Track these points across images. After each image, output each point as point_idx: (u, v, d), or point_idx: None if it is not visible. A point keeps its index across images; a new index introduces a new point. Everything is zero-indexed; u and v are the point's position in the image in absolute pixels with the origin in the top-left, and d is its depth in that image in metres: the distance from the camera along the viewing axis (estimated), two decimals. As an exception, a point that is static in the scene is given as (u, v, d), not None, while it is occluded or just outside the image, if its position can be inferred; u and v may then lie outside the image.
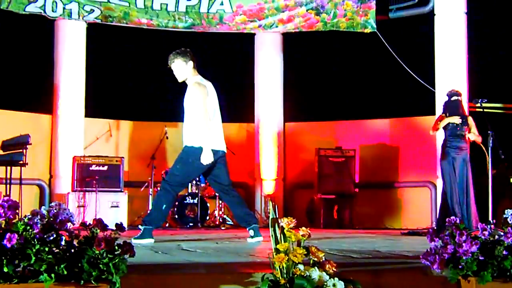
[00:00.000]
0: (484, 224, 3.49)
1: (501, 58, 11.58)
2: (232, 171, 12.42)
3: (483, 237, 3.41)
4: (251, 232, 7.13)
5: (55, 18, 11.83)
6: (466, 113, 9.49)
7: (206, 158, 6.88)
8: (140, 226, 7.08)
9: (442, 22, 11.53)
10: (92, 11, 11.79)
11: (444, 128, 9.06)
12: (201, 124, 6.94)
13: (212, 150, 6.95)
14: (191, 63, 7.12)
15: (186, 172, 7.13)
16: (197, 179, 11.78)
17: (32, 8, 11.44)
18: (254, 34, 13.10)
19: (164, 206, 7.05)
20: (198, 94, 7.00)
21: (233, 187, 7.45)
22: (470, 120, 9.07)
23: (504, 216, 3.44)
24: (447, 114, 9.08)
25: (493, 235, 3.43)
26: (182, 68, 7.11)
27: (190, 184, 11.65)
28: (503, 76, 11.59)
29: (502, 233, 3.41)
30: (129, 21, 12.04)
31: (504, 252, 3.37)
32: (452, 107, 9.13)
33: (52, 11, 11.59)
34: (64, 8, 11.64)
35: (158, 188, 11.72)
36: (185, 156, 7.08)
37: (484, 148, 8.78)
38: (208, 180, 7.32)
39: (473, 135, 8.93)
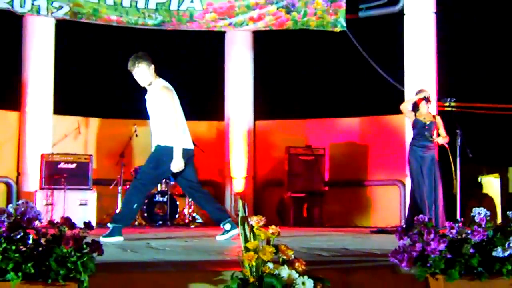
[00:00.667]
0: (452, 223, 3.52)
1: (470, 57, 11.68)
2: (202, 169, 12.44)
3: (450, 235, 3.44)
4: (227, 226, 7.10)
5: (24, 14, 11.71)
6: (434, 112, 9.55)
7: (178, 159, 6.87)
8: (109, 224, 7.04)
9: (411, 22, 11.62)
10: (60, 7, 11.68)
11: (413, 126, 9.10)
12: (173, 126, 6.91)
13: (184, 149, 6.94)
14: (152, 66, 7.09)
15: (160, 171, 7.11)
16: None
17: (0, 4, 11.32)
18: (224, 32, 13.09)
19: (135, 205, 7.02)
20: (168, 99, 6.97)
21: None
22: (438, 119, 9.13)
23: (471, 214, 3.47)
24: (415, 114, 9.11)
25: (460, 233, 3.46)
26: (146, 73, 7.04)
27: (159, 183, 11.60)
28: (471, 75, 11.70)
29: (469, 232, 3.44)
30: (98, 18, 11.95)
31: (471, 250, 3.40)
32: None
33: (21, 6, 11.47)
34: (32, 4, 11.53)
35: (128, 186, 11.71)
36: (159, 155, 7.05)
37: (448, 149, 8.84)
38: (177, 178, 7.28)
39: (441, 138, 8.98)
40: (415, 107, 9.06)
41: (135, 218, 7.76)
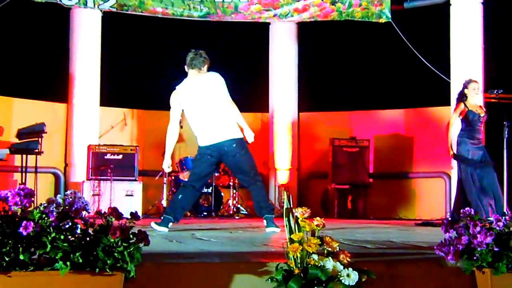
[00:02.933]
0: (498, 215, 3.48)
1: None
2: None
3: (498, 228, 3.41)
4: (265, 222, 7.14)
5: (71, 7, 11.85)
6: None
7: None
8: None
9: (457, 12, 11.47)
10: (107, 0, 11.80)
11: (464, 118, 8.77)
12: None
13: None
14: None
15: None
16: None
17: (47, -3, 11.48)
18: (268, 24, 13.08)
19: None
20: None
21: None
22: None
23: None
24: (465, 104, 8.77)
25: (508, 226, 3.42)
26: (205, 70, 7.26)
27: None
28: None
29: (517, 225, 3.40)
30: (144, 9, 12.03)
31: (519, 244, 3.36)
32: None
33: (68, -1, 11.62)
34: (79, -3, 11.67)
35: (173, 177, 11.81)
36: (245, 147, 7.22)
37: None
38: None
39: None
40: (463, 96, 8.74)
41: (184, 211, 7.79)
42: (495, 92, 8.82)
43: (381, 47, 12.58)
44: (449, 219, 3.48)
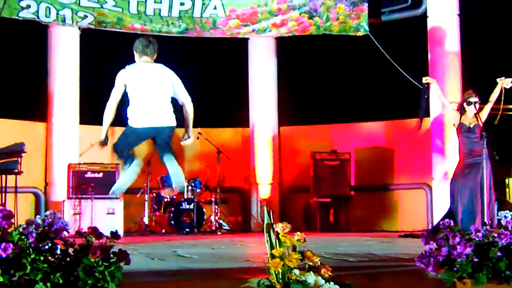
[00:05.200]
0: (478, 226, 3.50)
1: (494, 58, 11.57)
2: (228, 175, 12.50)
3: (477, 239, 3.42)
4: None
5: (49, 23, 11.81)
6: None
7: None
8: None
9: (434, 24, 11.55)
10: (85, 17, 11.76)
11: (457, 131, 8.77)
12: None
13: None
14: None
15: None
16: (193, 184, 11.80)
17: (25, 14, 11.41)
18: (247, 39, 13.12)
19: None
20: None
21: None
22: (480, 114, 8.80)
23: (497, 217, 3.45)
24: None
25: (487, 237, 3.44)
26: None
27: (186, 190, 11.67)
28: (497, 76, 11.56)
29: (496, 235, 3.42)
30: (122, 26, 12.02)
31: (499, 254, 3.38)
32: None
33: (46, 16, 11.55)
34: (57, 14, 11.61)
35: (154, 194, 11.78)
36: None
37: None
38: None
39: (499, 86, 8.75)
40: (462, 109, 8.82)
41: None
42: (473, 103, 8.85)
43: (360, 59, 12.64)
44: (431, 230, 3.49)
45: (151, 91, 7.14)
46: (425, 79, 9.28)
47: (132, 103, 7.20)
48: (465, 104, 8.77)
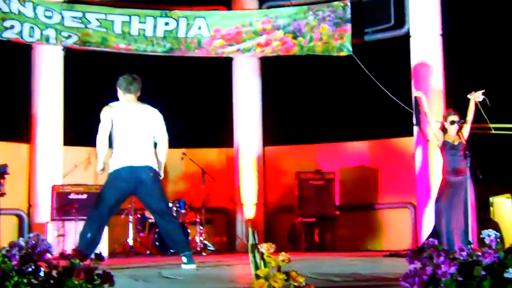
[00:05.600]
0: (462, 245, 3.50)
1: (477, 78, 11.65)
2: (213, 196, 12.49)
3: (461, 258, 3.43)
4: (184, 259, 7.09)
5: (32, 44, 11.79)
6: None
7: None
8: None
9: (417, 44, 11.64)
10: (69, 36, 11.73)
11: (441, 150, 8.81)
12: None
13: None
14: None
15: None
16: (178, 205, 11.77)
17: (9, 34, 11.37)
18: (231, 59, 13.16)
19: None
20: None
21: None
22: (462, 131, 8.84)
23: (481, 236, 3.46)
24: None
25: (471, 256, 3.44)
26: None
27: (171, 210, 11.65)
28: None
29: (480, 254, 3.42)
30: (107, 46, 11.99)
31: (483, 273, 3.38)
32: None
33: (30, 36, 11.51)
34: (41, 34, 11.57)
35: (139, 216, 11.74)
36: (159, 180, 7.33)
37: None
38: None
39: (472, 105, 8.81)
40: (444, 129, 8.87)
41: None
42: (457, 122, 8.90)
43: (344, 79, 12.70)
44: (418, 248, 3.49)
45: (136, 132, 7.24)
46: (415, 93, 9.31)
47: (116, 142, 7.29)
48: (447, 123, 8.82)
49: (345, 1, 12.06)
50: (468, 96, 8.84)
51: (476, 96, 8.79)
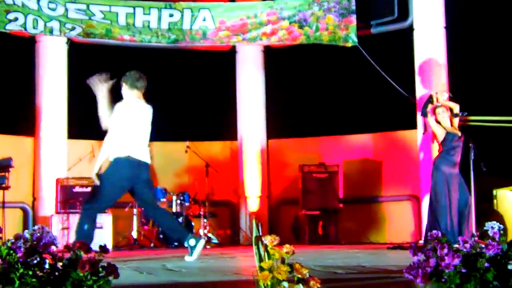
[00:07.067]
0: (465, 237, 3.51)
1: (481, 70, 11.64)
2: (217, 189, 12.49)
3: (465, 250, 3.43)
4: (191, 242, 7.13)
5: (36, 35, 11.78)
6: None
7: None
8: None
9: (421, 37, 11.62)
10: (73, 28, 11.72)
11: (444, 140, 8.75)
12: None
13: None
14: None
15: None
16: (182, 198, 11.80)
17: (12, 26, 11.37)
18: (235, 52, 13.15)
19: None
20: None
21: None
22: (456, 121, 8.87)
23: (484, 228, 3.46)
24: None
25: (475, 247, 3.45)
26: None
27: (174, 203, 11.71)
28: (484, 88, 11.64)
29: (483, 246, 3.43)
30: (111, 37, 11.98)
31: (486, 264, 3.39)
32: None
33: (33, 28, 11.51)
34: (45, 26, 11.58)
35: (142, 208, 11.75)
36: None
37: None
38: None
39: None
40: (438, 121, 8.86)
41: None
42: (460, 114, 8.91)
43: (348, 72, 12.68)
44: (420, 242, 3.50)
45: (143, 128, 7.46)
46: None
47: (124, 136, 7.37)
48: (441, 116, 8.81)
49: (350, -7, 12.04)
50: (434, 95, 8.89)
51: (440, 96, 8.84)
